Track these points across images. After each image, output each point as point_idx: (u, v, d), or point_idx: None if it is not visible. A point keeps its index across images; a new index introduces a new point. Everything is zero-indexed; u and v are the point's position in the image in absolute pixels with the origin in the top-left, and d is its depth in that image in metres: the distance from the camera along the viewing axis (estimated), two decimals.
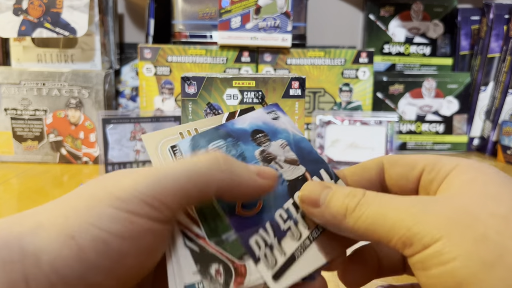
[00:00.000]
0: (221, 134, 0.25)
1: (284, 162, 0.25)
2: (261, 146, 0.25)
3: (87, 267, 0.16)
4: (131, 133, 0.66)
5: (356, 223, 0.19)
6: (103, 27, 0.75)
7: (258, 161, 0.24)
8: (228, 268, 0.19)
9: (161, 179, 0.18)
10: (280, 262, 0.21)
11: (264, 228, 0.22)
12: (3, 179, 0.62)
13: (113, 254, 0.17)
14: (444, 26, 0.87)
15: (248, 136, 0.25)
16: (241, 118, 0.26)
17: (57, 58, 0.74)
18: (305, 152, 0.25)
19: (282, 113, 0.27)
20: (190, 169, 0.19)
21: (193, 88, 0.37)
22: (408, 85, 0.82)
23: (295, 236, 0.22)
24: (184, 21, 0.75)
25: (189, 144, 0.24)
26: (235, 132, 0.25)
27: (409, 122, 0.82)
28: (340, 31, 0.91)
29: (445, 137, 0.82)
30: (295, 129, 0.26)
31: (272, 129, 0.26)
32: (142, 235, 0.17)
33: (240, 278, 0.19)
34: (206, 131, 0.25)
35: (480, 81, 0.81)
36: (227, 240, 0.20)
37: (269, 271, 0.21)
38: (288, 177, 0.24)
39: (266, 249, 0.21)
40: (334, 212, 0.20)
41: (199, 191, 0.18)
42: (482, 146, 0.82)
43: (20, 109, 0.70)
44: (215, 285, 0.18)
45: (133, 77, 0.83)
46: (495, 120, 0.79)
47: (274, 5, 0.70)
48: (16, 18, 0.67)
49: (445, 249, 0.16)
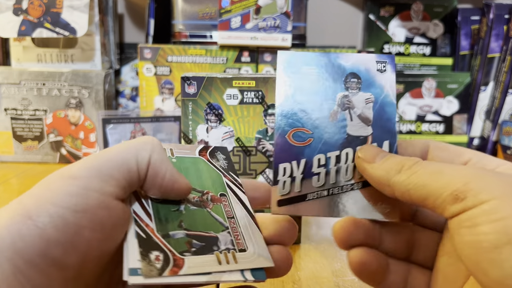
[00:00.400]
0: (319, 62, 0.25)
1: (357, 116, 0.25)
2: (348, 91, 0.25)
3: (47, 243, 0.17)
4: (131, 133, 0.66)
5: (409, 178, 0.20)
6: (103, 27, 0.75)
7: (334, 102, 0.25)
8: (167, 257, 0.20)
9: (105, 157, 0.20)
10: (292, 194, 0.23)
11: (298, 162, 0.24)
12: (3, 179, 0.62)
13: (71, 228, 0.18)
14: (444, 26, 0.87)
15: (342, 76, 0.25)
16: (348, 54, 0.25)
17: (57, 58, 0.74)
18: (384, 117, 0.25)
19: (392, 69, 0.26)
20: (131, 146, 0.21)
21: (193, 88, 0.37)
22: (408, 85, 0.82)
23: (318, 182, 0.24)
24: (184, 21, 0.75)
25: (286, 58, 0.25)
26: (334, 66, 0.25)
27: (409, 122, 0.82)
28: (340, 31, 0.91)
29: (445, 137, 0.82)
30: (392, 90, 0.25)
31: (370, 79, 0.25)
32: (96, 209, 0.19)
33: (177, 268, 0.20)
34: (307, 53, 0.25)
35: (480, 81, 0.81)
36: (173, 236, 0.21)
37: (277, 196, 0.23)
38: (351, 131, 0.24)
39: (287, 178, 0.23)
40: (388, 168, 0.21)
41: (136, 164, 0.21)
42: (482, 146, 0.82)
43: (20, 109, 0.70)
44: (151, 268, 0.19)
45: (133, 77, 0.83)
46: (495, 120, 0.79)
47: (274, 5, 0.70)
48: (16, 18, 0.67)
49: (500, 208, 0.16)
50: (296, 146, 0.24)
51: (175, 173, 0.22)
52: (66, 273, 0.18)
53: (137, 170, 0.21)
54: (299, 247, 0.41)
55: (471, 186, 0.17)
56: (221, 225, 0.23)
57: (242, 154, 0.39)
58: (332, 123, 0.24)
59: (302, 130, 0.24)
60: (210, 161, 0.27)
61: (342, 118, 0.25)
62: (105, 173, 0.19)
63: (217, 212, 0.24)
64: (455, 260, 0.22)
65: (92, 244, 0.19)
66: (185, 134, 0.38)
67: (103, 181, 0.19)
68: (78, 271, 0.18)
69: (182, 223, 0.22)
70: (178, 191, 0.23)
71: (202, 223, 0.23)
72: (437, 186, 0.18)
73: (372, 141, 0.24)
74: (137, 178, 0.21)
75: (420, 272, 0.24)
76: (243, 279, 0.21)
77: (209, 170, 0.26)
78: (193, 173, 0.26)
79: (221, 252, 0.21)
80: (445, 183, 0.18)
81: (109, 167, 0.20)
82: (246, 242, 0.23)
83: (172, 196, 0.23)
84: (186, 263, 0.20)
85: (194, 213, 0.23)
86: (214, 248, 0.22)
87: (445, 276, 0.22)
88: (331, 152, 0.24)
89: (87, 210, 0.18)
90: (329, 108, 0.25)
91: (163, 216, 0.22)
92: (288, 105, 0.24)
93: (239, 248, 0.22)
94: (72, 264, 0.18)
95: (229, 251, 0.22)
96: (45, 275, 0.17)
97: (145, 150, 0.21)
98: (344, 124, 0.24)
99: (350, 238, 0.23)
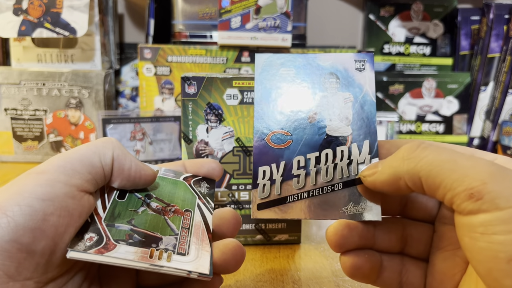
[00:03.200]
0: (297, 63, 0.25)
1: (337, 116, 0.24)
2: (327, 91, 0.25)
3: (17, 230, 0.18)
4: (131, 133, 0.66)
5: (419, 163, 0.18)
6: (103, 27, 0.75)
7: (313, 103, 0.24)
8: (101, 240, 0.22)
9: (70, 154, 0.22)
10: (272, 197, 0.23)
11: (277, 165, 0.24)
12: (3, 179, 0.62)
13: (38, 215, 0.19)
14: (444, 26, 0.87)
15: (321, 76, 0.25)
16: (327, 55, 0.25)
17: (57, 58, 0.74)
18: (363, 116, 0.24)
19: (371, 67, 0.25)
20: (92, 145, 0.23)
21: (193, 88, 0.37)
22: (408, 85, 0.82)
23: (298, 184, 0.24)
24: (184, 21, 0.75)
25: (264, 60, 0.25)
26: (312, 66, 0.25)
27: (409, 122, 0.82)
28: (340, 31, 0.91)
29: (445, 137, 0.82)
30: (371, 89, 0.25)
31: (349, 79, 0.25)
32: (62, 197, 0.20)
33: (104, 250, 0.21)
34: (285, 55, 0.25)
35: (480, 81, 0.81)
36: (117, 228, 0.23)
37: (257, 200, 0.23)
38: (330, 132, 0.24)
39: (267, 181, 0.23)
40: (392, 162, 0.20)
41: (99, 160, 0.23)
42: (482, 146, 0.82)
43: (20, 109, 0.70)
44: (79, 244, 0.21)
45: (133, 77, 0.83)
46: (495, 120, 0.79)
47: (274, 5, 0.70)
48: (16, 18, 0.67)
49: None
50: (275, 148, 0.24)
51: (139, 163, 0.25)
52: (36, 258, 0.19)
53: (101, 165, 0.23)
54: (299, 247, 0.41)
55: (489, 187, 0.16)
56: (172, 230, 0.24)
57: (242, 154, 0.39)
58: (311, 124, 0.24)
59: (281, 132, 0.24)
60: (192, 186, 0.28)
61: (321, 118, 0.24)
62: (69, 167, 0.21)
63: (173, 221, 0.25)
64: (451, 255, 0.22)
65: (60, 230, 0.20)
66: (185, 134, 0.38)
67: (68, 175, 0.21)
68: (48, 256, 0.19)
69: (133, 220, 0.24)
70: (145, 178, 0.25)
71: (152, 225, 0.24)
72: (451, 178, 0.17)
73: (352, 141, 0.24)
74: (102, 172, 0.23)
75: (414, 265, 0.24)
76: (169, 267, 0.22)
77: (186, 191, 0.28)
78: (168, 190, 0.27)
79: (157, 249, 0.22)
80: (460, 177, 0.16)
81: (73, 163, 0.22)
82: (189, 249, 0.23)
83: (141, 183, 0.25)
84: (116, 249, 0.21)
85: (150, 216, 0.25)
86: (152, 245, 0.23)
87: (442, 271, 0.22)
88: (310, 154, 0.24)
89: (54, 198, 0.20)
90: (308, 109, 0.24)
91: (117, 211, 0.24)
92: (266, 108, 0.24)
93: (179, 251, 0.23)
94: (42, 250, 0.19)
95: (166, 251, 0.23)
96: (16, 261, 0.18)
97: (106, 148, 0.23)
98: (323, 125, 0.24)
99: (345, 241, 0.23)
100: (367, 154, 0.24)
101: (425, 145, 0.19)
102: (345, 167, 0.24)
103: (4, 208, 0.19)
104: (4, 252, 0.18)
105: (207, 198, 0.28)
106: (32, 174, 0.21)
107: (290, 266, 0.37)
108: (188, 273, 0.22)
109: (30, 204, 0.19)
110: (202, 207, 0.27)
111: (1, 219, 0.18)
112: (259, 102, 0.24)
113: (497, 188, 0.16)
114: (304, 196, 0.23)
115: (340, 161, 0.24)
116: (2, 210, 0.18)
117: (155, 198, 0.26)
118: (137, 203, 0.25)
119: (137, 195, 0.26)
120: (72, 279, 0.22)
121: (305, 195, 0.23)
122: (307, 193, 0.23)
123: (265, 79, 0.24)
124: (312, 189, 0.23)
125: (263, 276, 0.35)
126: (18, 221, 0.18)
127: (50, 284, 0.20)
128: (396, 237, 0.25)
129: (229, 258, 0.24)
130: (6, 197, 0.19)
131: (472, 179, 0.16)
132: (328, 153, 0.24)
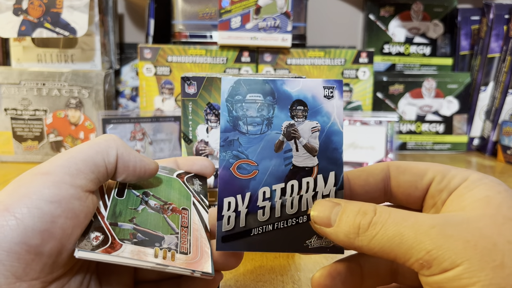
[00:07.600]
0: (264, 89, 0.24)
1: (303, 146, 0.24)
2: (294, 120, 0.24)
3: (25, 232, 0.19)
4: (131, 133, 0.66)
5: (371, 242, 0.19)
6: (103, 27, 0.75)
7: (280, 132, 0.24)
8: (107, 239, 0.22)
9: (74, 154, 0.22)
10: (236, 230, 0.23)
11: (242, 196, 0.23)
12: (3, 179, 0.62)
13: (47, 217, 0.19)
14: (444, 26, 0.87)
15: (288, 103, 0.24)
16: (295, 80, 0.24)
17: (57, 58, 0.74)
18: (330, 147, 0.24)
19: (339, 95, 0.25)
20: (95, 143, 0.23)
21: (193, 88, 0.37)
22: (408, 85, 0.82)
23: (263, 217, 0.23)
24: (184, 21, 0.75)
25: (231, 85, 0.24)
26: (279, 93, 0.24)
27: (409, 122, 0.82)
28: (340, 31, 0.91)
29: (445, 137, 0.82)
30: (339, 118, 0.24)
31: (317, 107, 0.24)
32: (69, 199, 0.20)
33: (111, 249, 0.21)
34: (252, 80, 0.25)
35: (480, 81, 0.81)
36: (120, 226, 0.23)
37: (221, 232, 0.23)
38: (296, 162, 0.24)
39: (232, 213, 0.23)
40: (346, 231, 0.20)
41: (102, 159, 0.23)
42: (482, 146, 0.82)
43: (20, 109, 0.70)
44: (86, 244, 0.21)
45: (133, 77, 0.83)
46: (495, 120, 0.79)
47: (274, 5, 0.70)
48: (16, 18, 0.67)
49: (465, 275, 0.16)
50: (240, 179, 0.23)
51: (143, 158, 0.25)
52: (43, 259, 0.19)
53: (105, 165, 0.23)
54: None
55: (434, 254, 0.17)
56: (172, 229, 0.24)
57: None
58: (277, 154, 0.24)
59: (247, 162, 0.23)
60: (185, 183, 0.28)
61: (288, 148, 0.24)
62: (74, 168, 0.21)
63: (173, 219, 0.25)
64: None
65: (67, 232, 0.20)
66: (185, 134, 0.38)
67: (73, 176, 0.21)
68: (54, 257, 0.20)
69: (134, 219, 0.24)
70: (150, 172, 0.25)
71: (153, 224, 0.24)
72: (401, 251, 0.18)
73: (318, 172, 0.23)
74: (105, 171, 0.23)
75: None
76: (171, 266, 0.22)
77: (180, 189, 0.28)
78: (164, 187, 0.27)
79: (161, 249, 0.23)
80: (408, 249, 0.18)
81: (77, 163, 0.22)
82: (191, 248, 0.23)
83: (146, 177, 0.26)
84: (122, 248, 0.21)
85: (150, 215, 0.25)
86: (156, 244, 0.23)
87: None
88: (276, 185, 0.23)
89: (61, 200, 0.20)
90: (275, 138, 0.24)
91: (118, 210, 0.24)
92: (232, 135, 0.24)
93: (181, 250, 0.23)
94: (49, 251, 0.19)
95: (170, 250, 0.23)
96: (24, 262, 0.19)
97: (110, 147, 0.23)
98: (290, 155, 0.24)
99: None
100: (332, 186, 0.23)
101: (374, 221, 0.20)
102: (310, 199, 0.23)
103: (13, 209, 0.19)
104: (13, 254, 0.18)
105: (201, 196, 0.28)
106: (37, 175, 0.21)
107: (290, 266, 0.37)
108: (192, 272, 0.22)
109: (38, 206, 0.19)
110: (198, 206, 0.27)
111: (10, 221, 0.18)
112: (225, 130, 0.24)
113: (440, 252, 0.17)
114: (269, 228, 0.23)
115: (305, 193, 0.23)
116: (11, 211, 0.19)
117: (152, 196, 0.26)
118: (136, 201, 0.25)
119: (135, 193, 0.26)
120: (74, 277, 0.22)
121: (269, 227, 0.23)
122: (271, 225, 0.23)
123: (231, 105, 0.24)
124: (277, 221, 0.23)
125: (263, 276, 0.35)
126: (27, 223, 0.19)
127: (54, 283, 0.21)
128: (385, 270, 0.25)
129: (229, 254, 0.24)
130: (14, 199, 0.19)
131: (417, 250, 0.18)
132: (294, 184, 0.23)
